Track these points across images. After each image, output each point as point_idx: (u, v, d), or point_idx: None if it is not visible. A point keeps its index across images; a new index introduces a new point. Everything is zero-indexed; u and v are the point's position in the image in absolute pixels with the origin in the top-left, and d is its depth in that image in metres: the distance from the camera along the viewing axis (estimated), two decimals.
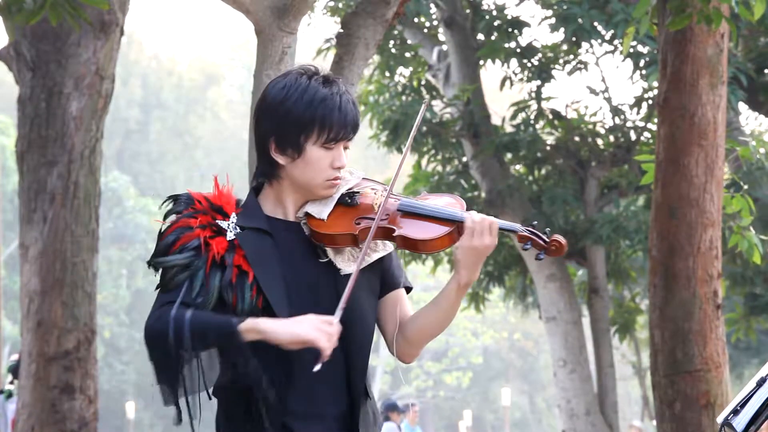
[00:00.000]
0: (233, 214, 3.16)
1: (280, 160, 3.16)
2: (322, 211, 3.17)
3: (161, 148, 51.99)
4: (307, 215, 3.18)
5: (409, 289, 3.31)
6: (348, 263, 3.17)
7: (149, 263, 3.13)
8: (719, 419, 3.31)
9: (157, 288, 3.13)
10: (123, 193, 45.85)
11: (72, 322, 8.64)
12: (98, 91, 8.81)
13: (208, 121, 53.38)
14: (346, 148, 3.19)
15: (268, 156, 3.18)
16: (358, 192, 3.22)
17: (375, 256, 3.20)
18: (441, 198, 3.25)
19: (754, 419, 3.23)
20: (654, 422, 17.47)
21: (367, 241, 3.11)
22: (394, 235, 3.14)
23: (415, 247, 3.15)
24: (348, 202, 3.20)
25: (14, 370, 11.55)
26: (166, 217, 3.17)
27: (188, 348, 3.01)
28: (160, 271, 3.12)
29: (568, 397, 14.25)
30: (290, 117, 3.13)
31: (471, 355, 46.18)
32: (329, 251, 3.17)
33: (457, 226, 3.13)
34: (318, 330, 3.00)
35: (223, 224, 3.14)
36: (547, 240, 3.16)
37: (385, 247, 3.24)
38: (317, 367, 3.01)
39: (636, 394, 37.84)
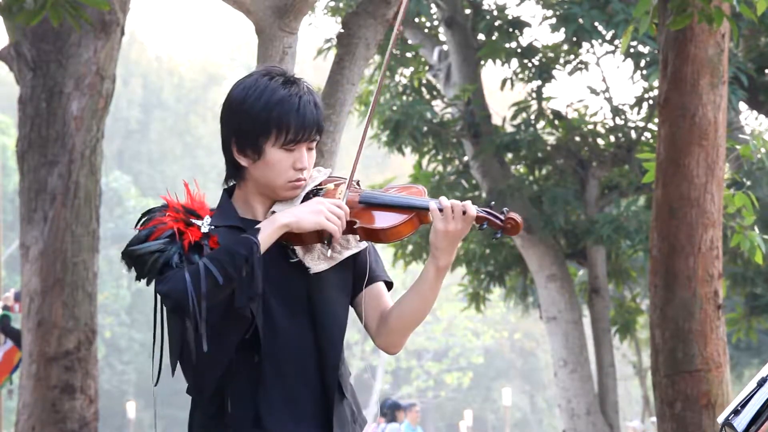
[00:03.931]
0: (207, 217, 3.14)
1: (242, 161, 3.16)
2: None
3: (162, 148, 52.00)
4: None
5: (389, 285, 3.30)
6: (318, 262, 3.16)
7: (123, 255, 3.09)
8: (720, 419, 3.31)
9: (138, 279, 3.09)
10: (124, 193, 45.88)
11: (72, 322, 8.65)
12: (99, 91, 8.81)
13: (208, 121, 53.36)
14: (310, 149, 3.17)
15: (231, 157, 3.17)
16: (322, 188, 3.21)
17: (346, 254, 3.19)
18: (406, 190, 3.24)
19: (755, 419, 3.23)
20: (652, 419, 17.44)
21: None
22: (355, 227, 3.15)
23: (377, 238, 3.16)
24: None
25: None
26: (138, 223, 3.15)
27: (206, 294, 2.96)
28: (135, 263, 3.07)
29: (568, 397, 14.24)
30: (248, 118, 3.11)
31: (472, 355, 46.18)
32: (298, 251, 3.16)
33: (417, 213, 3.14)
34: (331, 214, 3.08)
35: (197, 222, 3.12)
36: (502, 219, 3.17)
37: (358, 244, 3.23)
38: (329, 252, 3.13)
39: (636, 394, 37.83)
